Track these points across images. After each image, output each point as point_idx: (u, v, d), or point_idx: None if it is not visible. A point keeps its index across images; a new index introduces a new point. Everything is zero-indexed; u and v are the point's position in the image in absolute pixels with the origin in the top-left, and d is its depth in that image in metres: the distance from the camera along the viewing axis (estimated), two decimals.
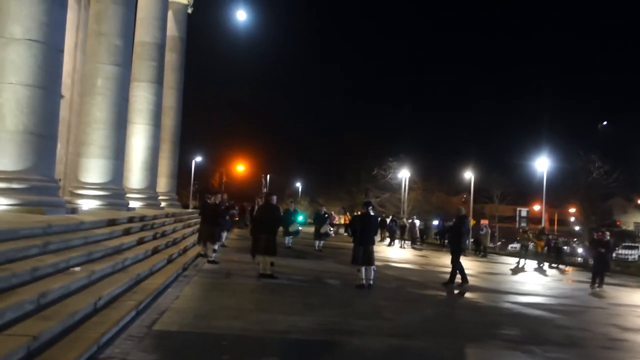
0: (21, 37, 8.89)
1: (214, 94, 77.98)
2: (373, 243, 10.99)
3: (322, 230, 19.57)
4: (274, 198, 11.71)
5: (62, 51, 9.72)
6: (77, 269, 6.65)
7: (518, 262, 21.28)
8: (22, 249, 6.02)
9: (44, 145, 9.26)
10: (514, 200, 44.59)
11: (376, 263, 11.10)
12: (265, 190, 30.09)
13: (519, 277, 16.67)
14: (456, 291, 11.61)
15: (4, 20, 8.92)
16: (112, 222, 10.10)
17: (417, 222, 30.96)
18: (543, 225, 28.12)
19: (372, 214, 11.21)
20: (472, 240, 27.91)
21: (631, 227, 43.65)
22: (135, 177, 17.39)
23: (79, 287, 6.23)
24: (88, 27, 14.20)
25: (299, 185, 66.40)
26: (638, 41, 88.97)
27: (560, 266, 22.42)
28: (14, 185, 8.70)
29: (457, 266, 12.30)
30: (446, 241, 25.15)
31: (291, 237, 18.68)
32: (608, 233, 21.69)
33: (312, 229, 21.68)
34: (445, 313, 8.77)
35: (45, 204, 8.86)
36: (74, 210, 10.16)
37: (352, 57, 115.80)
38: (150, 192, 17.88)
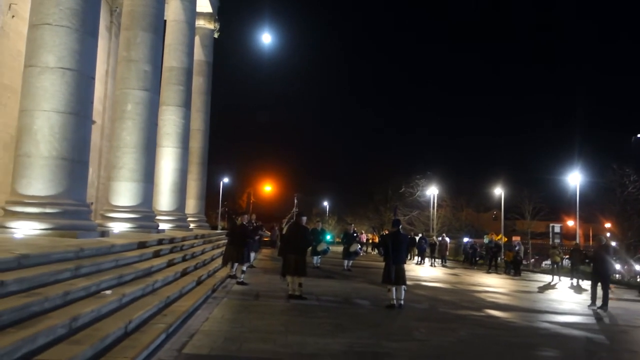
0: (54, 65, 9.17)
1: (241, 116, 79.15)
2: (404, 262, 10.89)
3: (352, 249, 19.39)
4: (304, 219, 11.67)
5: (93, 78, 9.96)
6: (108, 292, 6.69)
7: (552, 279, 20.72)
8: (55, 273, 6.09)
9: (76, 170, 9.45)
10: (547, 216, 43.56)
11: (407, 282, 10.91)
12: (295, 210, 30.09)
13: (555, 295, 16.15)
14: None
15: (38, 50, 9.23)
16: (142, 245, 10.19)
17: (447, 240, 30.42)
18: (577, 241, 27.34)
19: (401, 232, 11.10)
20: (504, 257, 27.35)
21: None
22: (164, 199, 17.62)
23: (109, 311, 6.25)
24: (118, 54, 14.58)
25: (326, 204, 66.29)
26: None
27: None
28: (48, 210, 8.89)
29: (606, 290, 12.94)
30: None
31: (319, 256, 18.59)
32: None
33: (340, 248, 21.53)
34: (480, 334, 8.50)
35: (78, 228, 9.01)
36: (105, 234, 10.30)
37: (383, 73, 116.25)
38: (179, 214, 18.07)
